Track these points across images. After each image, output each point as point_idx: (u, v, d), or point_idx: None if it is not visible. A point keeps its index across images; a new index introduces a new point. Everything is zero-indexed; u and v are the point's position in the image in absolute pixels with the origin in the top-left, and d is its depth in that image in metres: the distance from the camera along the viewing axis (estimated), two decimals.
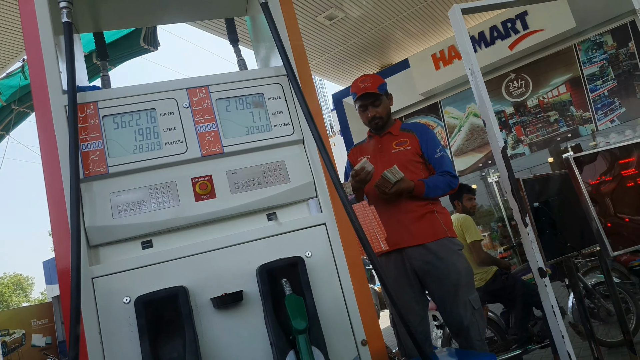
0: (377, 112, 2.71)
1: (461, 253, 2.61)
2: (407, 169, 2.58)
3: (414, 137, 2.69)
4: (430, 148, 2.67)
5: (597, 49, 8.07)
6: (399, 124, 2.84)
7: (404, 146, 2.67)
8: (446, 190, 2.61)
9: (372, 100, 2.71)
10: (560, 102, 8.41)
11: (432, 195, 2.57)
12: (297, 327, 1.18)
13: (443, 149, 2.71)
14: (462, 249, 2.65)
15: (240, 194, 1.38)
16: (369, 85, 2.68)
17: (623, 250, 1.97)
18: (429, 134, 2.75)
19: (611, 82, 7.94)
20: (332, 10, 7.24)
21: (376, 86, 2.69)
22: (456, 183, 2.65)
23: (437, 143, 2.72)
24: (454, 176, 2.65)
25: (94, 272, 1.23)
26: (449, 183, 2.62)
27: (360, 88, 2.70)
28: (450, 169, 2.65)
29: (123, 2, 1.66)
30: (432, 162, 2.67)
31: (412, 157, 2.65)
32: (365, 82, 2.71)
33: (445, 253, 2.51)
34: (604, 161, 2.19)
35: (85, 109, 1.35)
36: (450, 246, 2.55)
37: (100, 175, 1.31)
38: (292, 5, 1.62)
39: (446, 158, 2.70)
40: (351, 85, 2.81)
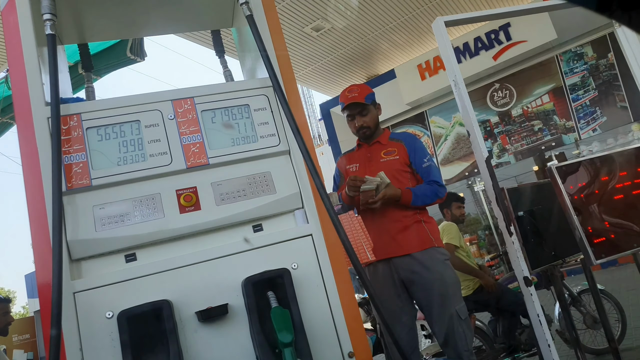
0: (364, 122, 2.73)
1: (448, 263, 2.61)
2: (395, 178, 2.59)
3: (402, 146, 2.71)
4: (418, 158, 2.69)
5: (578, 59, 8.23)
6: (387, 134, 2.85)
7: (392, 155, 2.69)
8: (433, 199, 2.62)
9: (360, 110, 2.72)
10: (544, 111, 8.54)
11: (420, 204, 2.58)
12: (283, 340, 1.17)
13: (431, 159, 2.73)
14: (449, 259, 2.65)
15: (226, 205, 1.37)
16: (356, 95, 2.70)
17: (606, 258, 1.99)
18: (417, 143, 2.77)
19: (592, 91, 8.09)
20: (319, 21, 7.29)
21: (363, 96, 2.71)
22: (443, 192, 2.66)
23: (425, 153, 2.74)
24: (441, 185, 2.66)
25: (76, 287, 1.21)
26: (436, 192, 2.63)
27: (347, 98, 2.72)
28: (437, 179, 2.67)
29: (108, 13, 1.66)
30: (419, 172, 2.68)
31: (400, 167, 2.66)
32: (353, 92, 2.72)
33: (432, 263, 2.52)
34: (587, 170, 2.22)
35: (69, 121, 1.34)
36: (437, 256, 2.56)
37: (83, 187, 1.29)
38: (277, 17, 1.63)
39: (434, 168, 2.71)
40: (340, 95, 2.82)
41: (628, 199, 2.18)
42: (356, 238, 2.11)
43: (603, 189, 2.17)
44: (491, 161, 2.23)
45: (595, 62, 8.08)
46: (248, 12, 1.47)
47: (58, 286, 1.10)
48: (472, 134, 2.24)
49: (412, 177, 2.71)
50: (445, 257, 2.61)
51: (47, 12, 1.32)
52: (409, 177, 2.70)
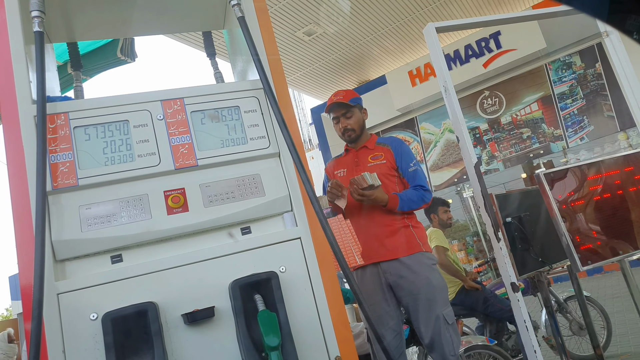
0: (348, 124, 2.75)
1: (435, 268, 2.63)
2: (382, 182, 2.60)
3: (389, 151, 2.73)
4: (405, 162, 2.71)
5: (567, 69, 8.33)
6: (374, 138, 2.87)
7: (379, 160, 2.70)
8: (419, 204, 2.64)
9: (344, 111, 2.75)
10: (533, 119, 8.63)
11: (406, 209, 2.60)
12: (270, 344, 1.16)
13: (417, 163, 2.75)
14: (436, 263, 2.67)
15: (214, 207, 1.36)
16: (341, 98, 2.73)
17: (592, 265, 2.01)
18: (404, 148, 2.79)
19: (580, 100, 8.19)
20: (311, 26, 7.31)
21: (348, 98, 2.74)
22: (429, 197, 2.68)
23: (412, 157, 2.76)
24: (427, 190, 2.68)
25: (60, 288, 1.19)
26: (422, 197, 2.64)
27: (332, 100, 2.75)
28: (423, 183, 2.68)
29: (98, 12, 1.64)
30: (405, 176, 2.70)
31: (387, 171, 2.68)
32: (339, 95, 2.76)
33: (419, 267, 2.53)
34: (574, 177, 2.24)
35: (56, 120, 1.32)
36: (424, 261, 2.57)
37: (69, 187, 1.27)
38: (269, 19, 1.63)
39: (420, 172, 2.72)
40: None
41: (614, 207, 2.20)
42: (345, 242, 2.10)
43: (590, 196, 2.20)
44: (480, 168, 2.24)
45: (583, 72, 8.19)
46: (240, 14, 1.47)
47: (40, 287, 1.08)
48: (462, 140, 2.25)
49: (399, 181, 2.73)
50: (432, 262, 2.62)
51: (36, 9, 1.30)
52: (396, 182, 2.72)
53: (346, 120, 2.75)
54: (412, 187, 2.67)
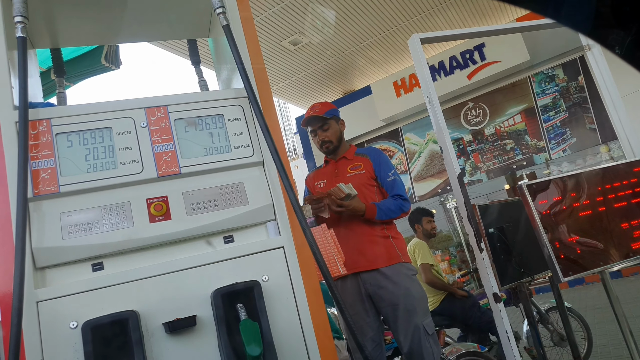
0: (325, 136, 2.78)
1: (415, 278, 2.64)
2: (361, 192, 2.62)
3: (367, 161, 2.75)
4: (383, 171, 2.73)
5: (550, 81, 8.48)
6: (353, 149, 2.90)
7: (358, 170, 2.72)
8: (398, 213, 2.65)
9: (320, 124, 2.78)
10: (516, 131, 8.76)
11: (385, 218, 2.61)
12: (251, 354, 1.15)
13: (396, 173, 2.77)
14: (416, 274, 2.68)
15: (197, 215, 1.36)
16: (317, 111, 2.77)
17: (573, 276, 2.03)
18: (382, 157, 2.81)
19: (563, 113, 8.34)
20: (297, 35, 7.35)
21: (324, 111, 2.77)
22: (408, 206, 2.69)
23: (390, 167, 2.78)
24: (405, 200, 2.69)
25: (39, 296, 1.17)
26: (401, 206, 2.65)
27: (309, 113, 2.77)
28: (402, 193, 2.69)
29: (82, 19, 1.64)
30: (384, 186, 2.72)
31: (366, 181, 2.70)
32: (314, 109, 2.80)
33: (399, 278, 2.54)
34: (556, 189, 2.28)
35: (38, 126, 1.31)
36: (404, 271, 2.58)
37: (50, 194, 1.26)
38: (254, 28, 1.64)
39: (398, 182, 2.74)
40: None
41: (595, 218, 2.24)
42: (328, 251, 2.10)
43: (571, 207, 2.23)
44: (463, 178, 2.27)
45: (566, 85, 8.35)
46: (225, 22, 1.47)
47: (19, 294, 1.07)
48: (445, 150, 2.28)
49: (378, 191, 2.74)
50: (412, 273, 2.63)
51: (19, 14, 1.29)
52: (375, 192, 2.73)
53: (323, 133, 2.78)
54: (390, 197, 2.69)
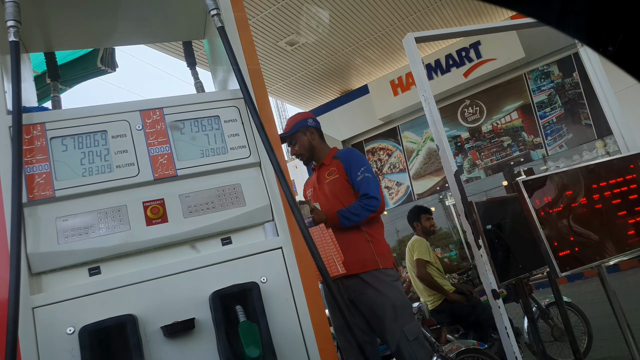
0: (295, 150, 2.84)
1: (395, 284, 2.61)
2: (338, 198, 2.61)
3: (340, 164, 2.73)
4: (353, 172, 2.68)
5: (545, 78, 8.50)
6: (332, 153, 2.86)
7: (334, 175, 2.72)
8: (364, 214, 2.58)
9: (289, 141, 2.82)
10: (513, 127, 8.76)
11: (349, 224, 2.57)
12: (251, 355, 1.15)
13: (367, 170, 2.69)
14: (397, 279, 2.65)
15: (194, 218, 1.35)
16: (284, 130, 2.81)
17: (570, 270, 2.04)
18: (352, 157, 2.76)
19: (559, 109, 8.35)
20: (293, 36, 7.34)
21: (288, 128, 2.81)
22: (375, 204, 2.61)
23: (360, 165, 2.71)
24: (372, 197, 2.61)
25: (35, 302, 1.17)
26: (365, 206, 2.59)
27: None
28: (369, 191, 2.62)
29: (76, 22, 1.63)
30: (355, 186, 2.67)
31: (342, 185, 2.67)
32: (285, 125, 2.83)
33: (379, 284, 2.53)
34: (552, 185, 2.28)
35: (32, 130, 1.30)
36: (383, 278, 2.56)
37: (46, 199, 1.25)
38: (249, 29, 1.64)
39: (366, 179, 2.67)
40: None
41: (592, 213, 2.24)
42: (327, 251, 2.10)
43: (568, 203, 2.23)
44: (461, 176, 2.27)
45: (561, 81, 8.36)
46: (219, 24, 1.47)
47: (15, 301, 1.06)
48: (442, 148, 2.27)
49: (355, 192, 2.69)
50: (392, 279, 2.61)
51: (11, 18, 1.29)
52: (352, 193, 2.69)
53: (293, 148, 2.83)
54: (360, 196, 2.64)
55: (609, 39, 0.45)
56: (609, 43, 0.46)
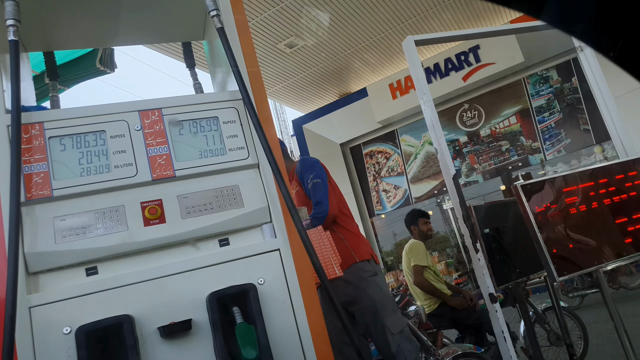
0: None
1: (372, 279, 2.62)
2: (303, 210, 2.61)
3: (296, 176, 2.74)
4: (305, 181, 2.67)
5: (544, 82, 8.52)
6: (294, 167, 2.84)
7: (295, 188, 2.72)
8: (316, 222, 2.54)
9: None
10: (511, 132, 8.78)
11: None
12: (247, 357, 1.15)
13: (315, 176, 2.66)
14: (375, 274, 2.66)
15: (192, 218, 1.35)
16: None
17: (568, 275, 2.04)
18: (303, 167, 2.74)
19: (557, 114, 8.37)
20: (293, 38, 7.35)
21: None
22: (322, 209, 2.57)
23: (309, 172, 2.69)
24: (317, 203, 2.58)
25: (32, 301, 1.16)
26: (315, 214, 2.57)
27: None
28: (315, 197, 2.60)
29: (75, 22, 1.63)
30: (309, 195, 2.64)
31: (303, 197, 2.68)
32: None
33: (358, 281, 2.55)
34: (551, 189, 2.29)
35: (30, 130, 1.30)
36: (360, 274, 2.57)
37: (43, 198, 1.25)
38: (249, 32, 1.64)
39: (314, 186, 2.64)
40: None
41: (589, 218, 2.25)
42: (324, 253, 2.10)
43: (565, 207, 2.24)
44: (460, 180, 2.27)
45: (560, 86, 8.38)
46: (219, 25, 1.47)
47: (12, 300, 1.06)
48: (440, 151, 2.28)
49: None
50: (369, 274, 2.61)
51: (11, 17, 1.28)
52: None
53: None
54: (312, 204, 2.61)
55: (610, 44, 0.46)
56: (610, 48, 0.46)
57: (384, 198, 9.93)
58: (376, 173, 10.07)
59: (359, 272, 2.58)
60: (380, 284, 2.66)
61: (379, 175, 10.04)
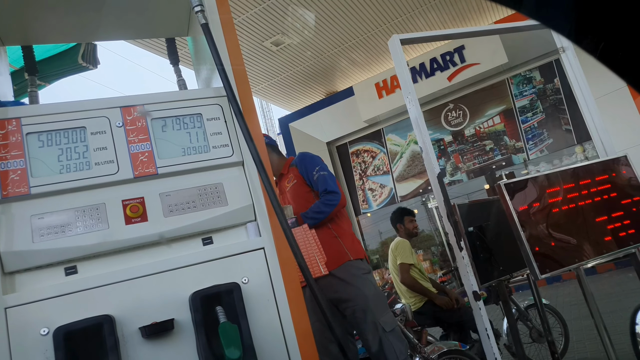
0: None
1: (366, 277, 2.64)
2: (301, 203, 2.62)
3: (296, 169, 2.77)
4: (309, 172, 2.71)
5: (527, 83, 8.62)
6: (289, 162, 2.90)
7: (292, 182, 2.74)
8: (327, 210, 2.61)
9: None
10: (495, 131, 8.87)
11: (314, 223, 2.57)
12: (231, 357, 1.13)
13: (322, 169, 2.72)
14: (369, 272, 2.68)
15: (174, 217, 1.33)
16: None
17: (550, 273, 2.06)
18: (306, 159, 2.79)
19: (540, 114, 8.48)
20: (279, 36, 7.32)
21: None
22: (335, 198, 2.63)
23: (314, 165, 2.74)
24: (330, 192, 2.64)
25: (8, 302, 1.13)
26: (326, 202, 2.62)
27: None
28: (327, 186, 2.65)
29: (55, 16, 1.59)
30: (313, 186, 2.69)
31: (302, 189, 2.70)
32: None
33: (351, 279, 2.55)
34: (533, 188, 2.31)
35: (7, 125, 1.26)
36: (354, 272, 2.58)
37: (20, 196, 1.22)
38: (233, 27, 1.62)
39: (323, 177, 2.69)
40: None
41: (571, 217, 2.27)
42: (310, 252, 2.09)
43: (548, 206, 2.26)
44: (444, 179, 2.28)
45: (543, 87, 8.49)
46: (203, 21, 1.45)
47: None
48: (425, 150, 2.28)
49: (315, 194, 2.72)
50: (363, 272, 2.63)
51: None
52: (313, 196, 2.71)
53: None
54: (319, 195, 2.66)
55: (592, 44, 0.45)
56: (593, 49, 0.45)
57: (370, 197, 9.96)
58: (362, 172, 10.09)
59: (353, 270, 2.58)
60: (374, 282, 2.67)
61: (365, 174, 10.06)
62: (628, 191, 2.42)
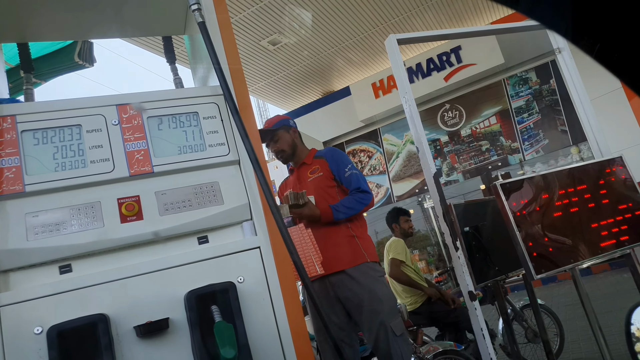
0: (277, 147, 2.84)
1: (382, 279, 2.64)
2: (322, 195, 2.62)
3: (324, 162, 2.76)
4: (341, 169, 2.73)
5: (523, 84, 8.64)
6: (313, 153, 2.91)
7: (317, 173, 2.74)
8: (358, 207, 2.63)
9: (270, 137, 2.83)
10: (491, 132, 8.88)
11: (343, 217, 2.60)
12: (226, 356, 1.13)
13: (353, 167, 2.76)
14: (383, 275, 2.68)
15: (170, 215, 1.32)
16: (265, 126, 2.84)
17: (545, 273, 2.06)
18: (338, 155, 2.82)
19: (536, 115, 8.50)
20: (276, 35, 7.31)
21: (271, 124, 2.83)
22: (368, 198, 2.66)
23: (346, 162, 2.77)
24: (364, 192, 2.67)
25: (2, 300, 1.12)
26: (359, 200, 2.64)
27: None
28: (360, 185, 2.68)
29: (51, 13, 1.58)
30: (343, 183, 2.71)
31: (326, 183, 2.70)
32: (265, 124, 2.85)
33: (365, 280, 2.54)
34: (529, 188, 2.31)
35: (2, 123, 1.25)
36: (370, 273, 2.58)
37: (15, 194, 1.21)
38: (231, 26, 1.61)
39: (355, 176, 2.73)
40: None
41: (566, 217, 2.28)
42: (305, 251, 2.09)
43: (543, 206, 2.26)
44: (440, 179, 2.28)
45: (539, 87, 8.51)
46: (200, 19, 1.44)
47: None
48: (421, 149, 2.28)
49: (340, 190, 2.74)
50: (379, 274, 2.63)
51: None
52: (337, 191, 2.73)
53: (275, 145, 2.84)
54: (350, 192, 2.69)
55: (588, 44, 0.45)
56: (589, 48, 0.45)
57: None
58: None
59: (370, 272, 2.58)
60: (388, 286, 2.69)
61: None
62: (623, 192, 2.43)
